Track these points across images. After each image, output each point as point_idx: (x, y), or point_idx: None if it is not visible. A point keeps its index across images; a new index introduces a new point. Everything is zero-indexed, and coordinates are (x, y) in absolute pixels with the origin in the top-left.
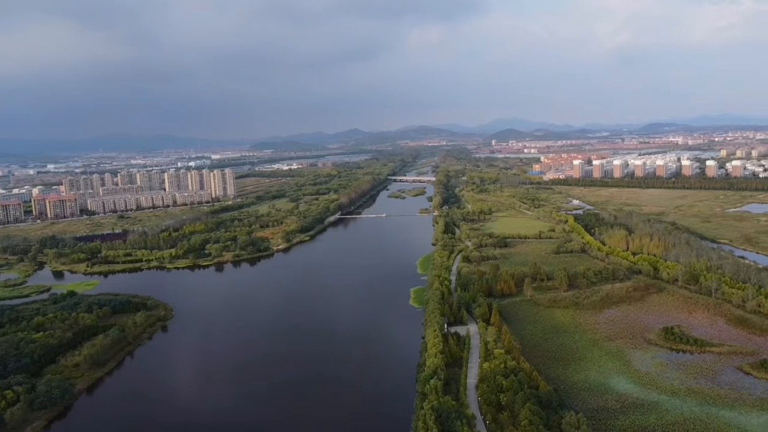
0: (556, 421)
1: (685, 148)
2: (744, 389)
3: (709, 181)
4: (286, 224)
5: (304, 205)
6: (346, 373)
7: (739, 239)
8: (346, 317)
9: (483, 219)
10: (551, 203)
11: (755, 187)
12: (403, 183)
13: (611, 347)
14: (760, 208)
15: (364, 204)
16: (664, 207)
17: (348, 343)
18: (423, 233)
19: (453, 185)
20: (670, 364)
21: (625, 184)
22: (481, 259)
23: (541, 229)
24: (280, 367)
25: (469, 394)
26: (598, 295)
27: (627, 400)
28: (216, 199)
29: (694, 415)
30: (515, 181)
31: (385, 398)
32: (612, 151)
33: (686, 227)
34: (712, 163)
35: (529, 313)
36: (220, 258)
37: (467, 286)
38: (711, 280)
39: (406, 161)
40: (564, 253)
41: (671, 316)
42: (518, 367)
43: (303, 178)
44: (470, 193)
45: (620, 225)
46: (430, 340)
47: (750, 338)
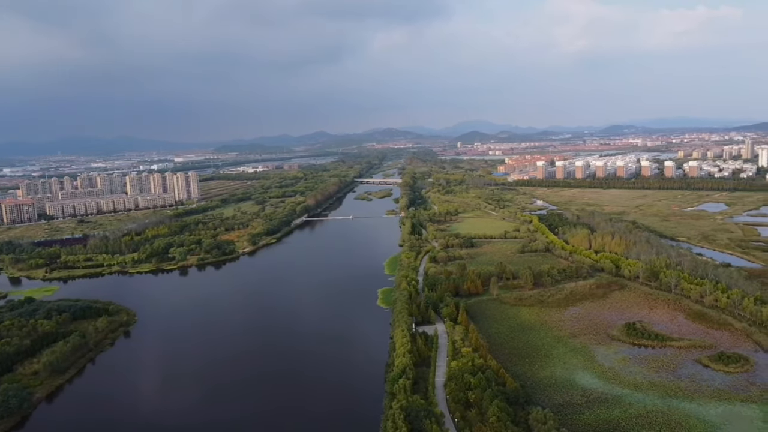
0: (523, 417)
1: (644, 150)
2: (703, 381)
3: (668, 182)
4: (252, 227)
5: (270, 208)
6: (313, 375)
7: (697, 237)
8: (313, 319)
9: (449, 220)
10: (516, 204)
11: (711, 186)
12: (369, 185)
13: (576, 343)
14: (715, 207)
15: (331, 206)
16: (624, 206)
17: (315, 345)
18: (390, 235)
19: (419, 187)
20: (632, 358)
21: (587, 185)
22: (448, 260)
23: (507, 229)
24: (246, 371)
25: (437, 392)
26: (563, 292)
27: (592, 395)
28: (180, 203)
29: (656, 407)
30: (480, 183)
31: (354, 399)
32: (574, 152)
33: (646, 226)
34: (670, 164)
35: (496, 312)
36: (184, 262)
37: (434, 286)
38: (670, 276)
39: (373, 163)
40: (529, 253)
41: (633, 312)
42: (485, 364)
43: (269, 181)
44: (436, 194)
45: (583, 224)
46: (398, 340)
47: (708, 332)
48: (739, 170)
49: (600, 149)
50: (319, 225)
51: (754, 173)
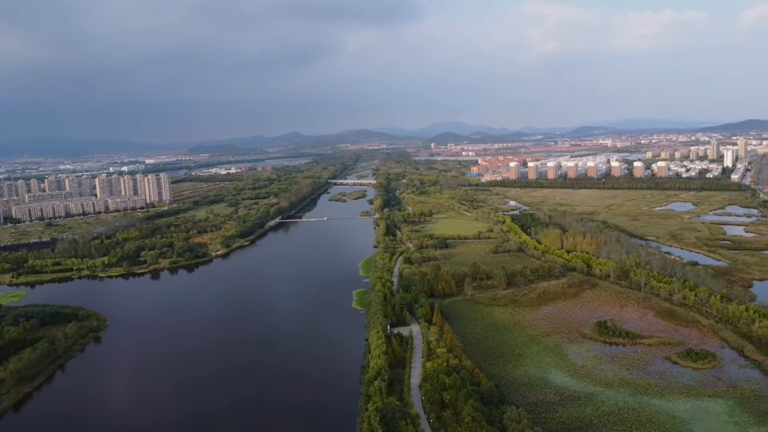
0: (497, 417)
1: (613, 150)
2: (672, 378)
3: (637, 182)
4: (225, 229)
5: (243, 210)
6: (288, 377)
7: (665, 236)
8: (287, 322)
9: (423, 221)
10: (489, 204)
11: (679, 186)
12: (343, 186)
13: (549, 342)
14: (683, 206)
15: (305, 208)
16: (595, 206)
17: (290, 347)
18: (364, 236)
19: (393, 188)
20: (604, 356)
21: (558, 185)
22: (423, 260)
23: (480, 229)
24: (220, 375)
25: (412, 393)
26: (535, 292)
27: (565, 393)
28: (151, 205)
29: (628, 404)
30: (454, 183)
31: (329, 401)
32: (546, 153)
33: (616, 225)
34: (639, 165)
35: (470, 312)
36: (156, 265)
37: (409, 287)
38: (640, 275)
39: (347, 164)
40: (502, 253)
41: (604, 310)
42: (460, 365)
43: (242, 182)
44: (410, 195)
45: (555, 224)
46: (373, 342)
47: (677, 329)
48: (705, 170)
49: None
50: (293, 227)
51: (720, 173)
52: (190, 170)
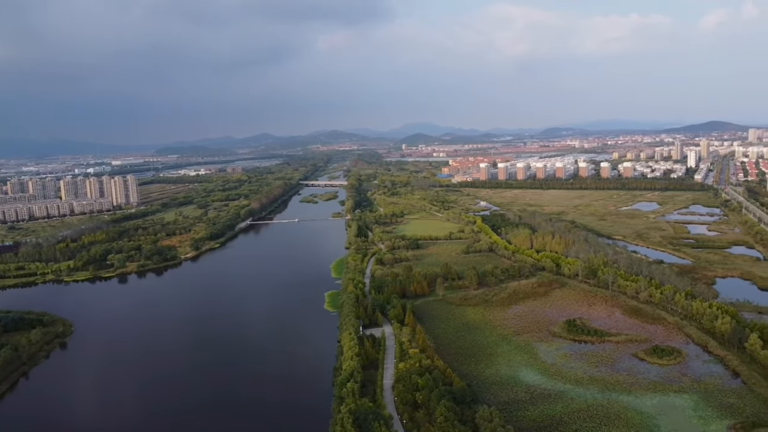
0: (470, 416)
1: (581, 151)
2: (639, 374)
3: (604, 182)
4: (195, 231)
5: (213, 212)
6: (260, 380)
7: (632, 235)
8: (259, 325)
9: (395, 222)
10: (460, 205)
11: (644, 186)
12: (315, 187)
13: (519, 341)
14: (648, 206)
15: (276, 209)
16: (563, 207)
17: (262, 351)
18: (336, 237)
19: (365, 189)
20: (573, 354)
21: (528, 186)
22: (394, 261)
23: (451, 230)
24: (190, 380)
25: (385, 394)
26: (506, 292)
27: (535, 391)
28: (118, 207)
29: (597, 401)
30: (425, 184)
31: (302, 403)
32: (515, 154)
33: (584, 225)
34: (606, 165)
35: (442, 312)
36: (123, 269)
37: (381, 288)
38: (608, 274)
39: (318, 166)
40: (473, 253)
41: (573, 309)
42: (433, 365)
43: (211, 184)
44: (382, 196)
45: (524, 224)
46: (345, 344)
47: (643, 327)
48: (669, 171)
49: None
50: (264, 228)
51: (684, 173)
52: (158, 172)
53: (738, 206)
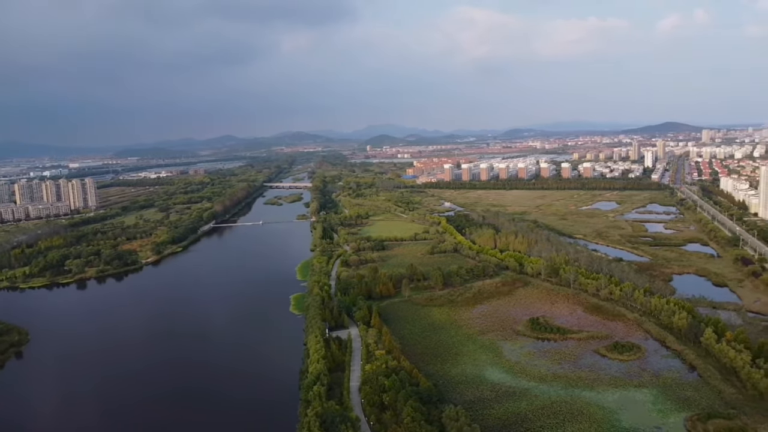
0: (436, 416)
1: (542, 152)
2: (601, 370)
3: (565, 182)
4: (156, 235)
5: (175, 215)
6: (225, 385)
7: (592, 234)
8: (223, 330)
9: (360, 223)
10: (425, 206)
11: (603, 186)
12: (279, 189)
13: (484, 340)
14: (607, 205)
15: (240, 212)
16: (526, 206)
17: (226, 356)
18: (301, 239)
19: (330, 191)
20: (537, 352)
21: (491, 186)
22: (360, 263)
23: (416, 231)
24: (152, 387)
25: (352, 396)
26: (471, 291)
27: (500, 390)
28: (76, 211)
29: (560, 398)
30: (390, 185)
31: (268, 407)
32: (479, 155)
33: (546, 225)
34: (567, 166)
35: (408, 313)
36: (82, 274)
37: (347, 290)
38: (569, 272)
39: (282, 167)
40: (438, 254)
41: (536, 307)
42: (399, 366)
43: (173, 187)
44: (347, 198)
45: (488, 225)
46: (311, 346)
47: (604, 323)
48: (628, 170)
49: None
50: (227, 231)
51: (641, 173)
52: (117, 174)
53: (693, 205)
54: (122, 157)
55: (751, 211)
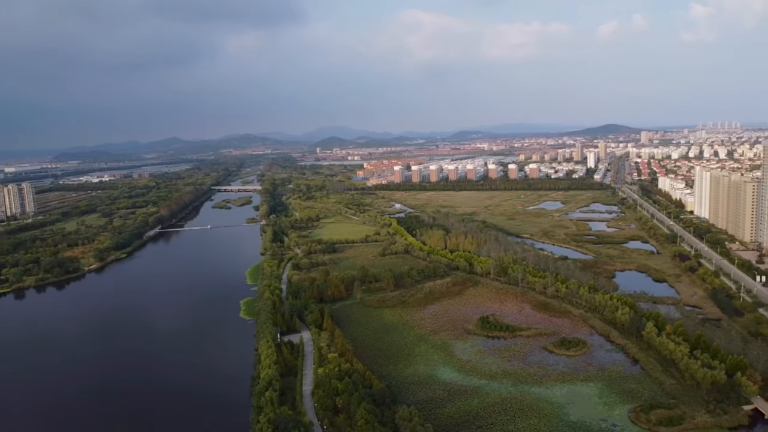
0: (390, 417)
1: (490, 154)
2: (549, 366)
3: (512, 183)
4: (99, 241)
5: (118, 220)
6: (173, 395)
7: (538, 233)
8: (170, 339)
9: (311, 226)
10: (375, 208)
11: (549, 186)
12: (228, 193)
13: (436, 340)
14: (553, 205)
15: (187, 216)
16: (475, 207)
17: (174, 364)
18: (251, 243)
19: (280, 193)
20: (487, 350)
21: (441, 188)
22: (311, 266)
23: (367, 233)
24: (95, 398)
25: (305, 401)
26: (422, 292)
27: (452, 388)
28: (12, 218)
29: (510, 394)
30: (341, 188)
31: (219, 416)
32: (428, 157)
33: (495, 225)
34: (513, 167)
35: (360, 315)
36: (19, 284)
37: (298, 293)
38: (517, 271)
39: (231, 170)
40: (389, 255)
41: (486, 306)
42: (352, 368)
43: (117, 191)
44: (297, 200)
45: (438, 226)
46: (263, 352)
47: (551, 320)
48: (572, 171)
49: (451, 153)
50: (174, 236)
51: (584, 174)
52: (57, 179)
53: (633, 204)
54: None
55: (688, 210)
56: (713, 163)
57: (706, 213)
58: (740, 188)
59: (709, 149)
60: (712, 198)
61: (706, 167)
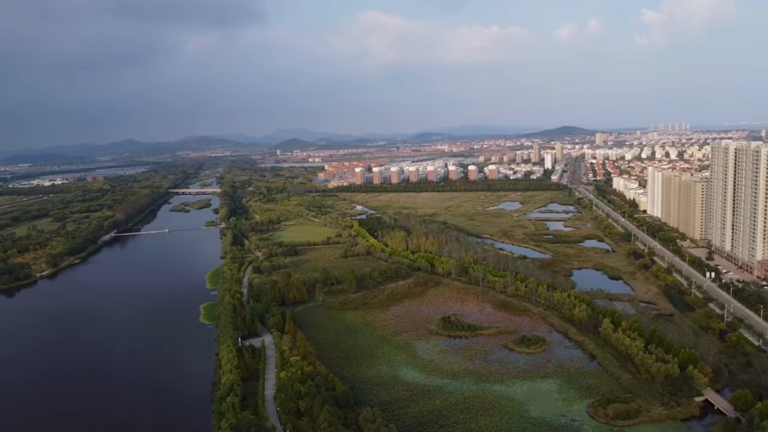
0: (353, 419)
1: (450, 155)
2: (510, 364)
3: (472, 184)
4: (52, 247)
5: (72, 224)
6: (132, 404)
7: (498, 233)
8: (128, 344)
9: (272, 228)
10: (337, 210)
11: (508, 187)
12: (186, 196)
13: (398, 341)
14: (512, 205)
15: (144, 220)
16: (436, 208)
17: (132, 372)
18: (210, 247)
19: (240, 196)
20: (449, 350)
21: (402, 189)
22: (273, 269)
23: (329, 235)
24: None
25: (267, 405)
26: (384, 293)
27: (415, 388)
28: None
29: (472, 393)
30: (302, 190)
31: (179, 423)
32: (389, 158)
33: (455, 225)
34: (473, 168)
35: (323, 318)
36: None
37: (259, 296)
38: (478, 271)
39: (189, 173)
40: (351, 257)
41: (448, 306)
42: (315, 371)
43: (70, 195)
44: (258, 203)
45: (400, 227)
46: (224, 357)
47: (511, 319)
48: (530, 172)
49: (412, 155)
50: (131, 241)
51: (542, 174)
52: (6, 182)
53: (589, 204)
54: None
55: (641, 209)
56: (665, 163)
57: (658, 212)
58: (690, 188)
59: (661, 150)
60: (664, 197)
61: (658, 168)
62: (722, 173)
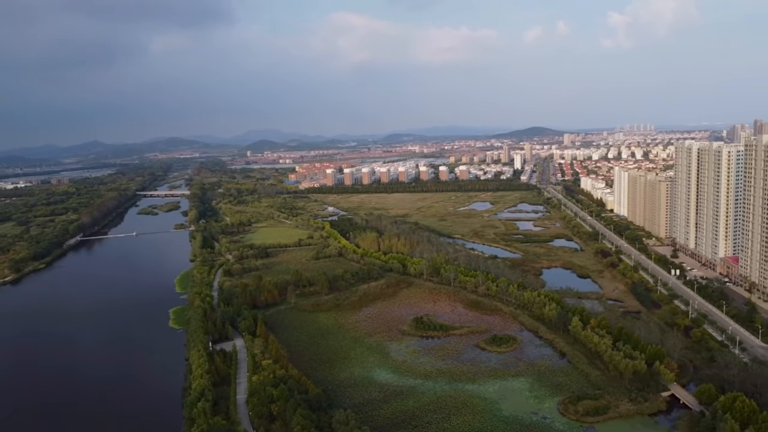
0: (326, 422)
1: (421, 156)
2: (482, 363)
3: (443, 184)
4: (14, 252)
5: (36, 228)
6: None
7: (469, 233)
8: (95, 351)
9: (243, 231)
10: (308, 211)
11: (478, 188)
12: (154, 198)
13: (371, 342)
14: (483, 205)
15: (111, 223)
16: (407, 209)
17: (100, 379)
18: (180, 250)
19: (209, 198)
20: (421, 350)
21: (373, 190)
22: (243, 271)
23: (301, 236)
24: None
25: (239, 410)
26: (357, 295)
27: (388, 390)
28: None
29: (445, 393)
30: (272, 191)
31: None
32: (360, 159)
33: (427, 226)
34: (444, 169)
35: (295, 320)
36: None
37: (230, 300)
38: (449, 271)
39: (157, 175)
40: (323, 258)
41: (420, 306)
42: (287, 374)
43: (33, 198)
44: (228, 205)
45: (372, 228)
46: (194, 361)
47: (483, 318)
48: (500, 173)
49: (383, 156)
50: (97, 244)
51: (512, 175)
52: None
53: (558, 203)
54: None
55: (608, 208)
56: (630, 163)
57: (625, 211)
58: (655, 187)
59: (627, 150)
60: (630, 197)
61: (624, 168)
62: (686, 173)
